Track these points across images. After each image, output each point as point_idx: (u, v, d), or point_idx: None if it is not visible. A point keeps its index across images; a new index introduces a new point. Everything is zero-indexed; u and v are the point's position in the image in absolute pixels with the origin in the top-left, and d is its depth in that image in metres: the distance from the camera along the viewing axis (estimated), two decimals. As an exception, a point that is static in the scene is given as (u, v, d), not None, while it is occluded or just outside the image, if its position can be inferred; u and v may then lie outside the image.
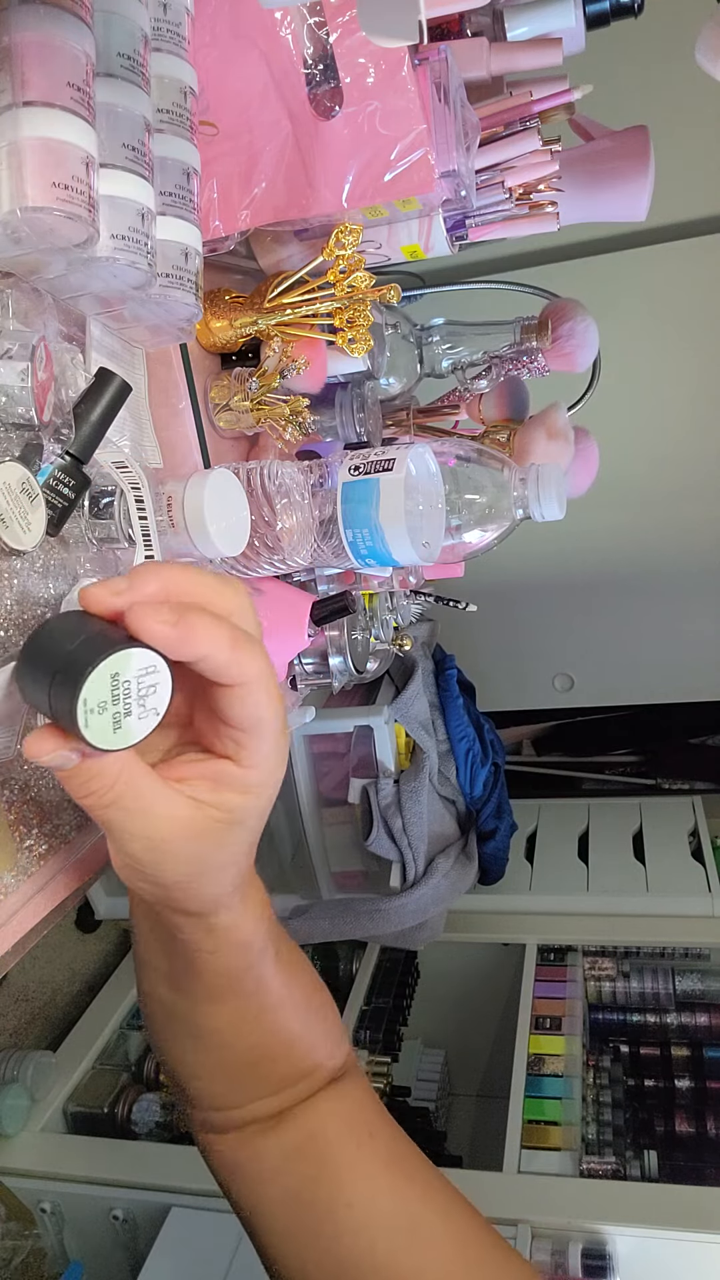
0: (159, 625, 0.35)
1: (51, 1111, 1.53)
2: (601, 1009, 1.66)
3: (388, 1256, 0.51)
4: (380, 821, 1.45)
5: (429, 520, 0.64)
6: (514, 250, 1.69)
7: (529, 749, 2.46)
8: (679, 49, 0.77)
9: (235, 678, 0.38)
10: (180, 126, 0.53)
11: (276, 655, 0.72)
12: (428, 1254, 0.52)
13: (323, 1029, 0.56)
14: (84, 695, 0.33)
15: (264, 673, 0.39)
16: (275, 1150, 0.53)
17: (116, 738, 0.34)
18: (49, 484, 0.48)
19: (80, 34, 0.42)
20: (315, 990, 0.56)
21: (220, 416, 0.69)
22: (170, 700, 0.36)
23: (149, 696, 0.35)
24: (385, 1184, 0.53)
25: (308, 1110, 0.54)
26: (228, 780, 0.40)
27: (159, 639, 0.35)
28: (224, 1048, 0.51)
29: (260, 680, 0.38)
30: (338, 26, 0.58)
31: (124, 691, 0.34)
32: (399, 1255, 0.51)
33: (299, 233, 0.71)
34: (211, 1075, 0.53)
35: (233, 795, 0.40)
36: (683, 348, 1.69)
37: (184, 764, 0.41)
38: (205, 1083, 0.53)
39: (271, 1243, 0.53)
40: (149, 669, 0.35)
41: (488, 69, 0.75)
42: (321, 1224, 0.52)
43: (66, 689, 0.33)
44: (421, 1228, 0.52)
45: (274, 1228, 0.53)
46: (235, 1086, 0.53)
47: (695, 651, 1.94)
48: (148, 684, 0.35)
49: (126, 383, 0.51)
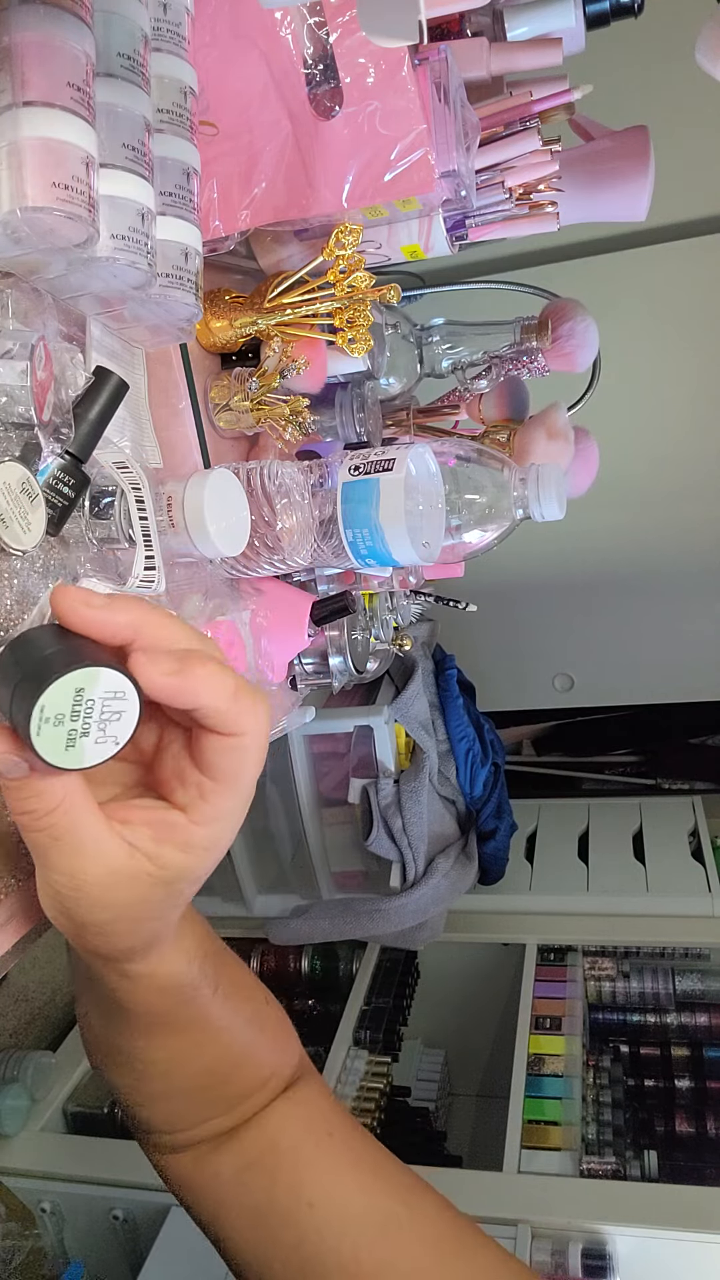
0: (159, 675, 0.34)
1: (51, 1111, 1.52)
2: (601, 1009, 1.66)
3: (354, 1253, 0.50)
4: (380, 821, 1.45)
5: (429, 520, 0.64)
6: (514, 250, 1.69)
7: (529, 749, 2.46)
8: (679, 49, 0.77)
9: (233, 728, 0.37)
10: (180, 126, 0.53)
11: (277, 655, 0.72)
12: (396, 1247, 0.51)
13: (273, 1042, 0.54)
14: (42, 702, 0.32)
15: (261, 728, 0.37)
16: (230, 1166, 0.52)
17: (68, 756, 0.33)
18: (49, 483, 0.48)
19: (80, 34, 0.42)
20: (262, 1004, 0.54)
21: (220, 416, 0.69)
22: (133, 732, 0.34)
23: (111, 723, 0.34)
24: (350, 1180, 0.53)
25: (262, 1121, 0.53)
26: (173, 833, 0.38)
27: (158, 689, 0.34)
28: (167, 1077, 0.50)
29: (257, 735, 0.37)
30: (338, 26, 0.58)
31: (86, 710, 0.33)
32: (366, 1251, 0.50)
33: (299, 233, 0.71)
34: (156, 1102, 0.51)
35: (173, 851, 0.38)
36: (683, 348, 1.69)
37: (133, 807, 0.39)
38: (151, 1109, 0.52)
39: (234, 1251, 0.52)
40: (117, 693, 0.33)
41: (488, 69, 0.75)
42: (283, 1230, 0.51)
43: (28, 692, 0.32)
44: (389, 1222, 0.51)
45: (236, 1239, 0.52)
46: (184, 1111, 0.52)
47: (695, 651, 1.94)
48: (113, 709, 0.33)
49: (124, 381, 0.51)
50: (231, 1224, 0.52)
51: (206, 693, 0.35)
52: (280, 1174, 0.52)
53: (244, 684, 0.36)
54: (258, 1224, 0.51)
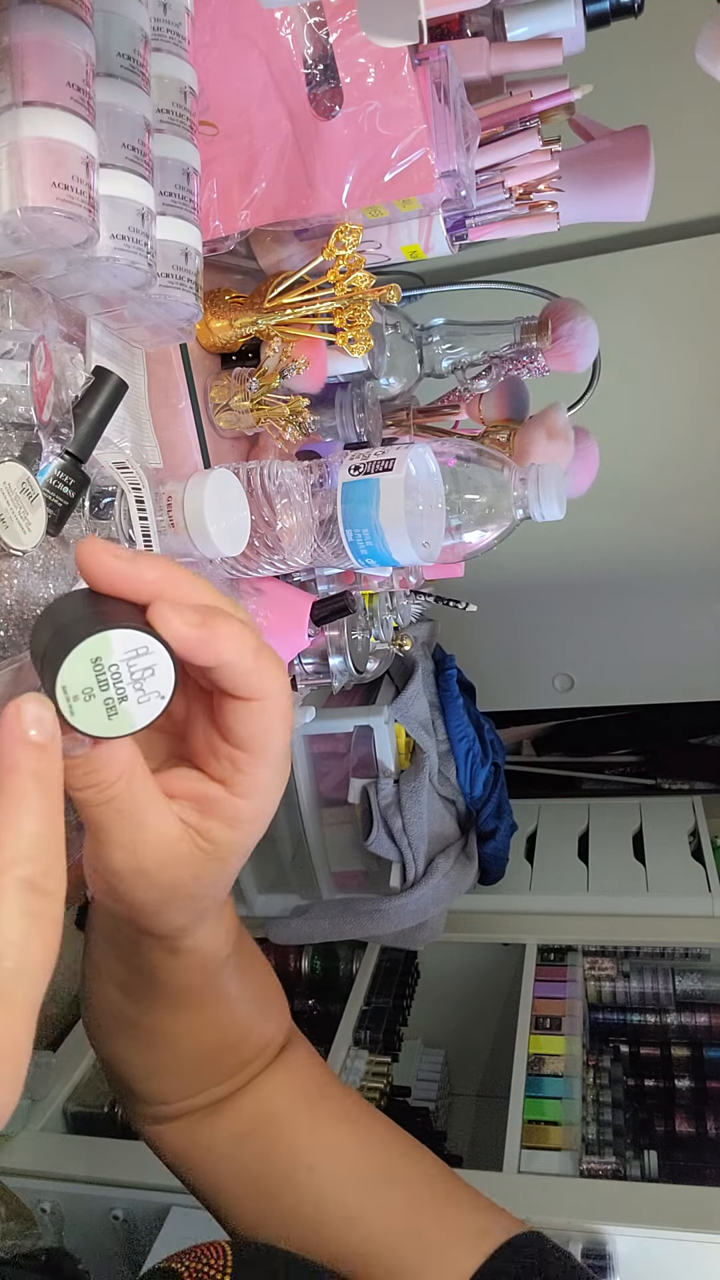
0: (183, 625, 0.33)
1: (51, 1111, 1.52)
2: (601, 1009, 1.66)
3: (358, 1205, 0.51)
4: (380, 821, 1.45)
5: (429, 520, 0.64)
6: (514, 250, 1.69)
7: (529, 749, 2.46)
8: (679, 49, 0.77)
9: (254, 691, 0.35)
10: (180, 126, 0.53)
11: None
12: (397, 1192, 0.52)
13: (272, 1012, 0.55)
14: (62, 684, 0.31)
15: (284, 691, 0.36)
16: (226, 1134, 0.53)
17: (114, 724, 0.32)
18: (49, 483, 0.48)
19: (80, 34, 0.42)
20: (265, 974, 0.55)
21: (220, 416, 0.69)
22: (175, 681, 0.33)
23: (147, 679, 0.32)
24: (346, 1139, 0.53)
25: (256, 1089, 0.54)
26: (216, 808, 0.37)
27: (181, 639, 0.33)
28: (179, 1049, 0.50)
29: (278, 698, 0.36)
30: (338, 26, 0.58)
31: (112, 676, 0.32)
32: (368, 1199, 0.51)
33: (299, 233, 0.71)
34: (164, 1074, 0.52)
35: (219, 826, 0.37)
36: (683, 348, 1.69)
37: (174, 778, 0.38)
38: (156, 1082, 0.52)
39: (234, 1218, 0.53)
40: (138, 650, 0.32)
41: (488, 69, 0.75)
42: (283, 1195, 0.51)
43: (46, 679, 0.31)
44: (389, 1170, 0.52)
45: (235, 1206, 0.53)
46: (188, 1081, 0.52)
47: (695, 651, 1.94)
48: (141, 666, 0.32)
49: (124, 381, 0.51)
50: (230, 1192, 0.53)
51: (230, 648, 0.34)
52: (278, 1141, 0.52)
53: (265, 646, 0.35)
54: (256, 1191, 0.52)
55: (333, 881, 1.60)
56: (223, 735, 0.37)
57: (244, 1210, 0.53)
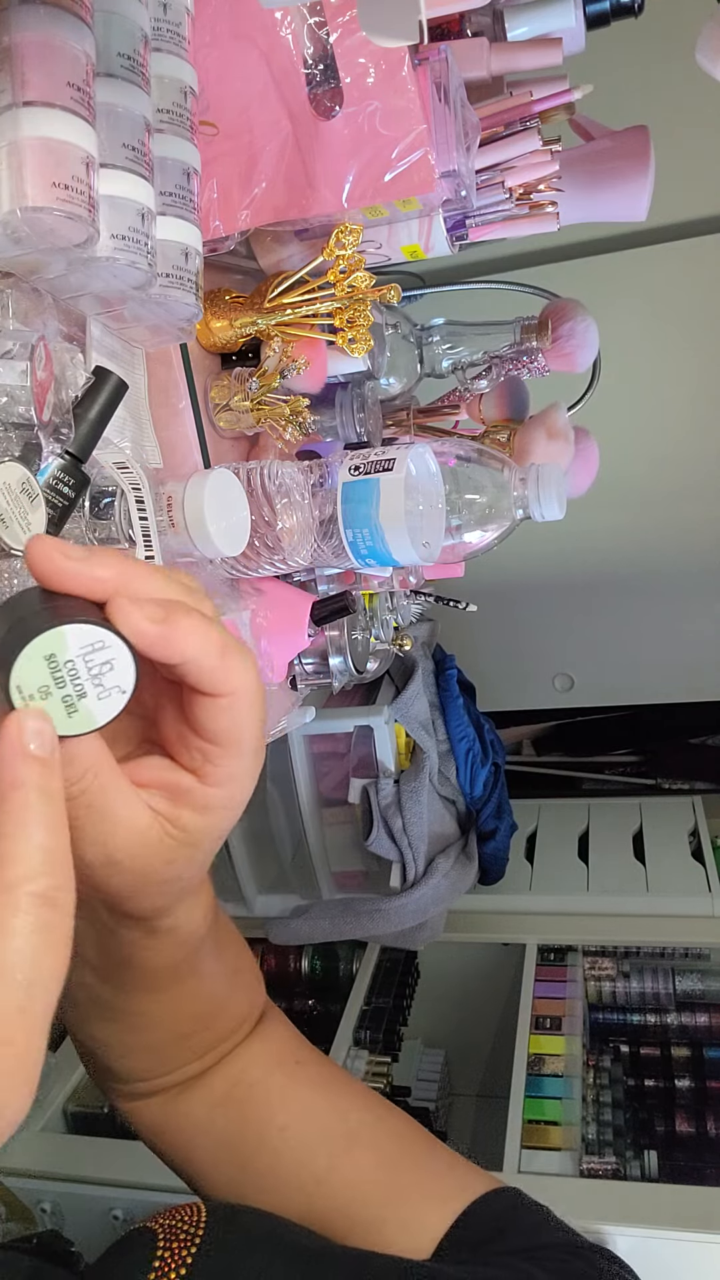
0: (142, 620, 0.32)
1: (51, 1111, 1.52)
2: (601, 1009, 1.66)
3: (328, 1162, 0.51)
4: (380, 821, 1.45)
5: (429, 520, 0.64)
6: (514, 250, 1.69)
7: (529, 749, 2.46)
8: (679, 49, 0.77)
9: (221, 687, 0.34)
10: (180, 126, 0.53)
11: (277, 655, 0.72)
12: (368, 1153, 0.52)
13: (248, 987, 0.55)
14: (16, 683, 0.30)
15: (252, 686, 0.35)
16: (202, 1104, 0.53)
17: (74, 722, 0.31)
18: (49, 484, 0.48)
19: (80, 34, 0.42)
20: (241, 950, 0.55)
21: (220, 416, 0.69)
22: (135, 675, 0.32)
23: (106, 675, 0.32)
24: (321, 1100, 0.54)
25: (232, 1060, 0.54)
26: (188, 797, 0.36)
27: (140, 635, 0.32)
28: (156, 1028, 0.50)
29: (246, 694, 0.35)
30: (338, 26, 0.58)
31: (69, 673, 0.31)
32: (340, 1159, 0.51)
33: (299, 233, 0.71)
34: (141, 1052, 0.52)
35: (190, 814, 0.37)
36: (683, 348, 1.69)
37: (144, 767, 0.37)
38: (133, 1060, 0.52)
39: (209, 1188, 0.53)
40: (94, 645, 0.31)
41: (488, 69, 0.75)
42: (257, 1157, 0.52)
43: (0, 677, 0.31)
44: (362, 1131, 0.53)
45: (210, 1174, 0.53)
46: (165, 1058, 0.52)
47: (695, 651, 1.94)
48: (99, 661, 0.31)
49: (124, 381, 0.51)
50: (204, 1160, 0.53)
51: (193, 644, 0.33)
52: (251, 1105, 0.53)
53: (231, 640, 0.35)
54: (231, 1156, 0.52)
55: (333, 881, 1.60)
56: (192, 729, 0.36)
57: (219, 1175, 0.53)
